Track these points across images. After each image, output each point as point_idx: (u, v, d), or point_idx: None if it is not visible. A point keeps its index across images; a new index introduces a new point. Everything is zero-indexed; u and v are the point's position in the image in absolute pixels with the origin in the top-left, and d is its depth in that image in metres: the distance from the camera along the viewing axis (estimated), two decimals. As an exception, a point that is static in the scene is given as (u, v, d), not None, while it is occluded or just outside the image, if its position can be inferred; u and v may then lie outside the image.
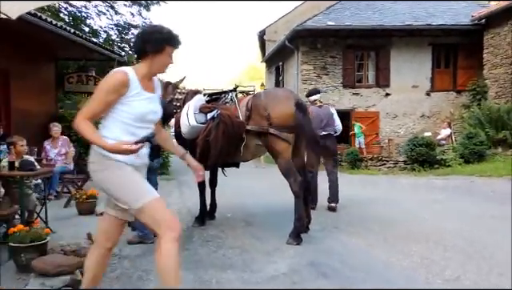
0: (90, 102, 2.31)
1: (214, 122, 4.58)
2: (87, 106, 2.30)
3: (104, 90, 2.28)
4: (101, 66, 12.47)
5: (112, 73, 2.34)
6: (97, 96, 2.29)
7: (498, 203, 6.43)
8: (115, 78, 2.29)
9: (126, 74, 2.29)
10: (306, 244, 4.32)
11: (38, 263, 3.04)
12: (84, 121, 2.24)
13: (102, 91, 2.28)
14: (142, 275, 3.51)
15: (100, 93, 2.28)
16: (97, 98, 2.28)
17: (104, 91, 2.27)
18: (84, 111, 2.27)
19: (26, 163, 4.37)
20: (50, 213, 5.07)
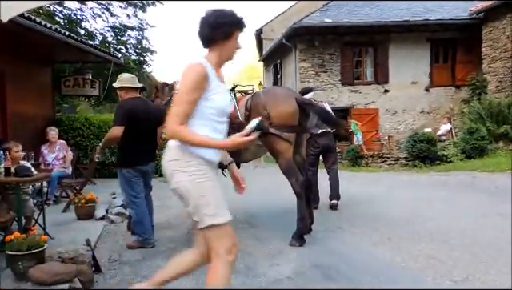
0: (178, 104, 2.09)
1: (212, 123, 4.50)
2: (177, 110, 2.06)
3: (189, 87, 2.08)
4: (97, 68, 12.39)
5: (190, 67, 2.13)
6: (184, 96, 2.08)
7: (502, 199, 6.34)
8: (196, 72, 2.10)
9: (204, 67, 2.12)
10: (310, 245, 4.25)
11: (34, 272, 2.96)
12: (182, 127, 2.05)
13: (187, 89, 2.08)
14: (142, 281, 3.42)
15: (186, 92, 2.08)
16: (185, 98, 2.07)
17: (190, 89, 2.08)
18: (176, 117, 2.05)
19: (22, 169, 4.29)
20: (48, 218, 4.99)
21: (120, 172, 4.34)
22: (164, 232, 5.02)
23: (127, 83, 4.40)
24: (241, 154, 4.64)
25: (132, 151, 4.25)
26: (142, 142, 4.27)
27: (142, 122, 4.24)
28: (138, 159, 4.28)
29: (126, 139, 4.17)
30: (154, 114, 4.45)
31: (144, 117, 4.27)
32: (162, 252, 4.22)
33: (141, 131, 4.25)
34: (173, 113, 2.08)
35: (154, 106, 4.63)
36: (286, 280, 3.35)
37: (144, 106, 4.38)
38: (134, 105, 4.29)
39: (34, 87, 8.95)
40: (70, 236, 4.76)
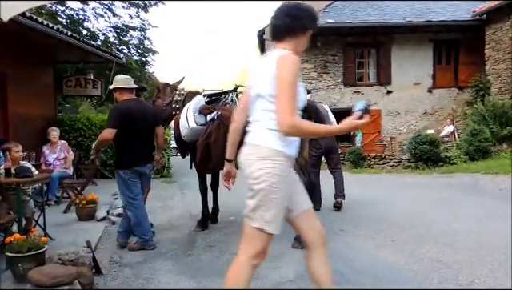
0: (286, 97, 1.97)
1: (214, 124, 4.46)
2: (287, 105, 1.96)
3: (293, 79, 1.99)
4: (99, 68, 12.37)
5: (289, 58, 2.04)
6: (290, 88, 1.99)
7: (506, 201, 6.29)
8: (295, 64, 2.03)
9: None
10: (312, 248, 4.19)
11: (34, 274, 2.92)
12: (298, 119, 2.01)
13: (291, 81, 1.99)
14: (143, 283, 3.40)
15: (292, 83, 1.99)
16: (292, 91, 1.99)
17: (294, 81, 2.00)
18: (290, 110, 1.96)
19: (22, 170, 4.25)
20: (49, 219, 4.95)
21: (117, 173, 4.31)
22: (166, 234, 4.98)
23: (121, 84, 4.35)
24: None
25: (128, 152, 4.22)
26: (138, 143, 4.24)
27: (137, 124, 4.21)
28: (135, 160, 4.25)
29: (122, 141, 4.16)
30: (150, 116, 4.44)
31: (140, 118, 4.24)
32: (163, 254, 4.19)
33: (136, 132, 4.22)
34: (284, 106, 1.97)
35: (150, 107, 4.60)
36: (289, 283, 3.31)
37: (139, 108, 4.35)
38: (129, 106, 4.25)
39: (35, 87, 8.92)
40: (70, 237, 4.73)
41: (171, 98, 5.33)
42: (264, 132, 2.10)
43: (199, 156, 4.59)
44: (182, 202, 7.23)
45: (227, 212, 5.85)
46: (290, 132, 2.01)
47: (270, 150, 2.08)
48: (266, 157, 2.07)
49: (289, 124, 1.96)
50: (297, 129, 2.00)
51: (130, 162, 4.23)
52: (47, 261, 3.38)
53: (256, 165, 2.09)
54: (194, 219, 5.46)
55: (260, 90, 2.12)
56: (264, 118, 2.10)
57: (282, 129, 1.99)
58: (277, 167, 2.07)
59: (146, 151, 4.39)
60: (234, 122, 2.47)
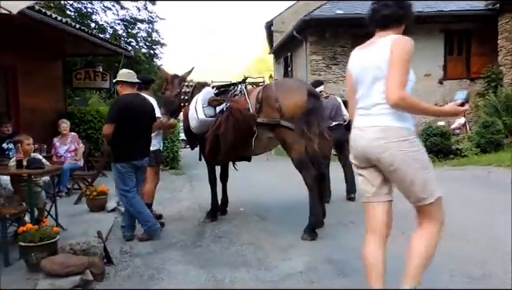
0: (396, 73, 2.10)
1: (223, 116, 4.45)
2: (399, 78, 2.09)
3: (407, 58, 2.12)
4: (108, 61, 12.40)
5: (405, 39, 2.18)
6: (404, 65, 2.11)
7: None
8: (411, 45, 2.15)
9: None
10: (322, 240, 4.19)
11: (46, 264, 2.96)
12: (407, 94, 2.10)
13: (405, 60, 2.12)
14: (154, 273, 3.42)
15: (406, 62, 2.11)
16: (405, 68, 2.11)
17: (408, 60, 2.12)
18: (400, 84, 2.08)
19: (33, 161, 4.30)
20: (60, 210, 5.01)
21: (114, 166, 4.34)
22: (175, 224, 5.01)
23: (122, 78, 4.41)
24: (252, 146, 4.58)
25: (126, 146, 4.25)
26: (136, 137, 4.29)
27: (136, 118, 4.26)
28: (133, 154, 4.29)
29: (120, 135, 4.18)
30: (150, 110, 4.48)
31: (139, 112, 4.30)
32: (173, 245, 4.21)
33: (135, 126, 4.27)
34: (395, 80, 2.09)
35: (149, 102, 4.60)
36: (298, 275, 3.30)
37: (139, 102, 4.39)
38: (129, 101, 4.31)
39: (45, 80, 8.98)
40: (81, 228, 4.78)
41: (179, 90, 5.32)
42: (392, 114, 2.17)
43: (208, 148, 4.59)
44: (192, 193, 7.26)
45: (236, 203, 5.87)
46: (399, 105, 2.09)
47: (405, 129, 2.18)
48: (405, 137, 2.17)
49: (399, 96, 2.06)
50: (405, 102, 2.08)
51: (127, 155, 4.27)
52: (59, 251, 3.43)
53: (399, 147, 2.17)
54: (204, 210, 5.49)
55: (378, 74, 2.20)
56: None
57: (391, 100, 2.09)
58: (417, 143, 2.22)
59: (143, 144, 4.42)
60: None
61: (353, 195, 6.12)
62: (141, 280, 3.29)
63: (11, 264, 3.63)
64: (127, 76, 4.43)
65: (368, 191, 2.40)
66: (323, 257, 3.68)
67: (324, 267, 3.46)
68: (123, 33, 15.60)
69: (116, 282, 3.25)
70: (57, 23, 6.79)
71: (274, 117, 4.39)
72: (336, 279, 3.21)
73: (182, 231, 4.71)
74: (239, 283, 3.17)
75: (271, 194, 6.82)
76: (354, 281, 3.13)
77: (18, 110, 8.07)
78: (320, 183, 4.57)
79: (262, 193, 6.93)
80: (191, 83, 5.40)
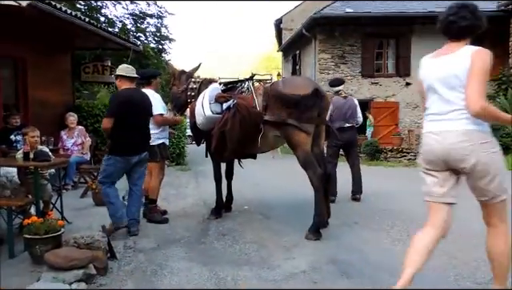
0: (478, 83, 2.26)
1: (230, 113, 4.42)
2: (481, 88, 2.25)
3: (486, 70, 2.27)
4: (117, 55, 12.42)
5: (486, 52, 2.30)
6: (483, 76, 2.27)
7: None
8: (490, 56, 2.30)
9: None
10: (326, 240, 4.16)
11: (50, 257, 2.97)
12: (487, 103, 2.25)
13: (486, 71, 2.27)
14: (157, 269, 3.42)
15: (485, 73, 2.27)
16: (484, 78, 2.27)
17: (487, 72, 2.28)
18: (480, 95, 2.24)
19: (40, 154, 4.31)
20: (66, 203, 5.04)
21: (106, 157, 4.36)
22: (180, 221, 5.01)
23: (121, 72, 4.43)
24: (258, 144, 4.56)
25: (122, 141, 4.26)
26: (133, 132, 4.30)
27: (134, 113, 4.29)
28: (128, 148, 4.30)
29: (117, 128, 4.21)
30: (148, 105, 4.48)
31: (137, 108, 4.32)
32: (176, 241, 4.21)
33: (133, 122, 4.29)
34: (477, 90, 2.24)
35: (147, 97, 4.59)
36: (301, 274, 3.28)
37: (138, 97, 4.41)
38: (128, 95, 4.34)
39: (54, 73, 9.02)
40: (87, 222, 4.81)
41: (186, 86, 5.31)
42: (471, 118, 2.30)
43: (215, 145, 4.58)
44: (197, 190, 7.26)
45: (241, 201, 5.86)
46: (480, 114, 2.25)
47: (485, 132, 2.35)
48: (486, 140, 2.33)
49: (481, 106, 2.22)
50: (486, 111, 2.25)
51: (122, 149, 4.28)
52: (63, 244, 3.44)
53: (482, 149, 2.32)
54: (208, 206, 5.48)
55: (455, 82, 2.34)
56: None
57: (473, 110, 2.25)
58: (495, 144, 2.38)
59: (139, 140, 4.41)
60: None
61: (358, 196, 6.11)
62: (143, 276, 3.28)
63: (16, 256, 3.65)
64: (126, 71, 4.44)
65: (437, 193, 2.52)
66: (327, 257, 3.65)
67: (327, 267, 3.43)
68: (132, 27, 15.64)
69: (119, 277, 3.25)
70: (66, 16, 6.80)
71: (282, 115, 4.36)
72: (339, 280, 3.18)
73: (186, 227, 4.71)
74: (242, 281, 3.16)
75: (276, 192, 6.81)
76: (358, 283, 3.11)
77: (26, 103, 8.13)
78: (326, 183, 4.55)
79: (267, 191, 6.92)
80: (198, 79, 5.38)
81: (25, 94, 8.12)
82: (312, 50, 15.30)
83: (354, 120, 6.22)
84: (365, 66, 14.74)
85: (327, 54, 14.63)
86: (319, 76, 14.35)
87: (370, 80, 14.82)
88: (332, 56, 14.64)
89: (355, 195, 6.15)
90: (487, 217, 2.52)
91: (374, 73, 14.93)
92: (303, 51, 17.01)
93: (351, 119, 6.16)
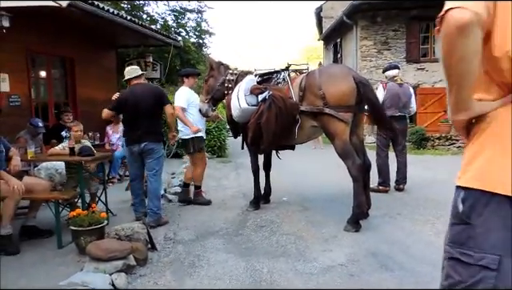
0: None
1: (265, 104, 4.39)
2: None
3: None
4: (160, 52, 12.73)
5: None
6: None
7: None
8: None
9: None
10: (366, 232, 4.05)
11: (91, 248, 3.09)
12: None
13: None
14: (194, 260, 3.47)
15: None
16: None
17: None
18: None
19: (84, 149, 4.50)
20: (112, 196, 5.25)
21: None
22: (219, 213, 5.06)
23: (126, 76, 4.76)
24: (295, 135, 4.50)
25: (126, 133, 4.65)
26: (132, 123, 4.53)
27: (132, 107, 4.48)
28: (129, 139, 4.56)
29: (124, 122, 4.79)
30: (151, 98, 4.55)
31: (139, 101, 4.46)
32: (215, 233, 4.26)
33: (131, 114, 4.52)
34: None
35: (152, 90, 4.71)
36: (339, 267, 3.21)
37: (141, 92, 4.55)
38: (127, 92, 4.65)
39: (99, 71, 9.40)
40: (131, 214, 4.96)
41: (224, 78, 5.32)
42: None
43: (251, 137, 4.57)
44: (237, 181, 7.31)
45: (280, 192, 5.82)
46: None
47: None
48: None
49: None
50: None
51: (126, 140, 4.61)
52: (106, 236, 3.57)
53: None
54: (248, 198, 5.50)
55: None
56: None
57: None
58: None
59: (138, 131, 4.49)
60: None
61: (402, 186, 5.91)
62: (181, 267, 3.35)
63: (64, 247, 3.84)
64: (128, 73, 4.74)
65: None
66: (366, 250, 3.55)
67: (366, 260, 3.33)
68: (173, 23, 15.92)
69: (158, 267, 3.34)
70: (108, 15, 7.03)
71: (318, 105, 4.28)
72: (377, 272, 3.08)
73: (225, 219, 4.75)
74: (277, 274, 3.13)
75: (316, 183, 6.71)
76: (396, 275, 3.00)
77: (75, 100, 8.54)
78: (365, 173, 4.42)
79: (306, 182, 6.84)
80: (235, 71, 5.38)
81: (73, 92, 8.53)
82: (353, 38, 14.87)
83: (406, 109, 5.98)
84: (410, 52, 14.12)
85: (369, 41, 14.16)
86: (361, 64, 13.94)
87: (415, 66, 14.19)
88: (374, 42, 14.15)
89: (399, 185, 5.95)
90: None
91: (420, 58, 14.27)
92: (344, 39, 16.58)
93: (404, 109, 5.91)
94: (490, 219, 1.12)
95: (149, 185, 4.64)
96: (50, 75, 8.09)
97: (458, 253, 1.17)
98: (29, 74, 7.18)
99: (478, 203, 1.14)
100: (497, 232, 1.10)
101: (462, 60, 1.09)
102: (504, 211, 1.10)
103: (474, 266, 1.13)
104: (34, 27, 6.85)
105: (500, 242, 1.10)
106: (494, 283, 1.09)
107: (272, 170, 5.47)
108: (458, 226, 1.19)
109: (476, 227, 1.14)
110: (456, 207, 1.20)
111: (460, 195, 1.19)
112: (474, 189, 1.15)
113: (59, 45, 7.77)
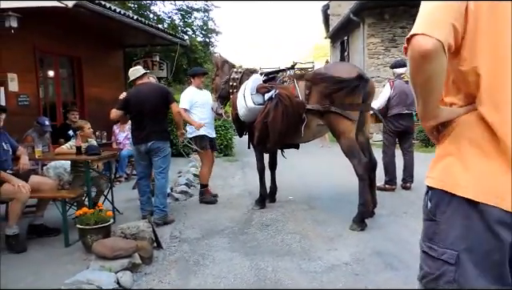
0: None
1: (272, 103, 4.38)
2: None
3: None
4: (166, 51, 12.76)
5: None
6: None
7: None
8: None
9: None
10: (371, 231, 4.03)
11: (97, 246, 3.12)
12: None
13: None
14: (199, 259, 3.49)
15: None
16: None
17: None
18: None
19: (91, 148, 4.54)
20: (119, 194, 5.28)
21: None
22: (224, 211, 5.07)
23: (130, 77, 4.83)
24: (301, 133, 4.50)
25: (133, 132, 4.73)
26: (138, 122, 4.59)
27: (137, 106, 4.53)
28: (137, 138, 4.62)
29: (131, 121, 4.82)
30: (155, 97, 4.58)
31: (140, 101, 4.52)
32: (220, 231, 4.27)
33: (137, 113, 4.57)
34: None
35: (156, 90, 4.73)
36: (343, 266, 3.20)
37: (145, 91, 4.59)
38: (135, 92, 4.68)
39: (107, 71, 9.46)
40: (138, 213, 4.99)
41: (229, 76, 5.33)
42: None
43: (257, 136, 4.57)
44: (243, 180, 7.32)
45: (286, 191, 5.81)
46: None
47: None
48: None
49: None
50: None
51: (133, 140, 4.68)
52: (112, 234, 3.60)
53: None
54: (253, 197, 5.50)
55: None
56: None
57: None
58: None
59: (144, 130, 4.54)
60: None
61: (408, 185, 5.87)
62: (186, 265, 3.36)
63: (71, 245, 3.88)
64: (132, 74, 4.79)
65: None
66: (371, 249, 3.54)
67: (371, 259, 3.32)
68: (180, 22, 15.95)
69: (163, 266, 3.36)
70: (115, 15, 7.07)
71: (324, 103, 4.26)
72: (383, 272, 3.07)
73: (231, 218, 4.75)
74: (282, 272, 3.14)
75: (323, 182, 6.69)
76: (402, 275, 2.99)
77: (83, 100, 8.60)
78: (371, 172, 4.40)
79: (313, 181, 6.82)
80: (240, 70, 5.38)
81: (81, 91, 8.60)
82: (360, 35, 14.78)
83: (414, 107, 5.91)
84: (418, 49, 14.00)
85: (376, 38, 14.06)
86: (368, 61, 13.86)
87: (423, 63, 14.07)
88: (382, 40, 14.05)
89: (406, 183, 5.91)
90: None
91: (428, 55, 14.15)
92: (351, 37, 16.49)
93: (412, 106, 5.86)
94: (451, 217, 1.20)
95: (156, 183, 4.68)
96: (57, 75, 8.16)
97: (427, 247, 1.25)
98: (37, 73, 7.24)
99: (442, 202, 1.22)
100: (456, 230, 1.18)
101: (427, 80, 1.16)
102: (463, 210, 1.17)
103: (438, 259, 1.21)
104: (42, 27, 6.91)
105: (459, 239, 1.18)
106: (453, 276, 1.18)
107: (278, 168, 5.47)
108: (427, 222, 1.28)
109: (440, 223, 1.22)
110: (425, 205, 1.28)
111: (428, 193, 1.27)
112: (438, 189, 1.23)
113: (67, 45, 7.84)
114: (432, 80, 1.15)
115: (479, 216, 1.15)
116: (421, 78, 1.15)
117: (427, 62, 1.11)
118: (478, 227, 1.15)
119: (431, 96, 1.20)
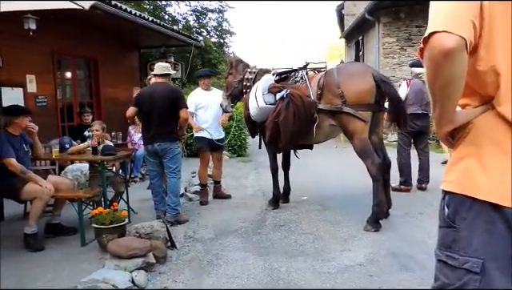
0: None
1: (283, 103, 4.37)
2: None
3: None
4: (181, 52, 12.86)
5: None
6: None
7: None
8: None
9: None
10: (386, 231, 4.00)
11: (112, 246, 3.16)
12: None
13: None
14: (212, 259, 3.50)
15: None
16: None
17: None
18: None
19: (107, 148, 4.60)
20: (134, 194, 5.34)
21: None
22: (238, 212, 5.08)
23: (155, 71, 4.82)
24: (313, 134, 4.48)
25: (142, 132, 4.80)
26: (148, 122, 4.60)
27: (148, 105, 4.54)
28: (146, 139, 4.66)
29: (142, 121, 4.83)
30: (168, 99, 4.57)
31: (155, 101, 4.52)
32: (233, 231, 4.28)
33: (148, 113, 4.58)
34: None
35: (170, 92, 4.69)
36: (357, 267, 3.18)
37: (159, 91, 4.58)
38: (148, 91, 4.73)
39: (123, 72, 9.57)
40: (152, 213, 5.04)
41: (243, 76, 5.34)
42: None
43: (269, 136, 4.57)
44: (257, 181, 7.32)
45: (300, 191, 5.79)
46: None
47: None
48: None
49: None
50: None
51: (144, 140, 4.74)
52: (127, 234, 3.64)
53: None
54: (267, 197, 5.50)
55: None
56: None
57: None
58: None
59: (153, 130, 4.55)
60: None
61: (424, 185, 5.79)
62: (200, 265, 3.38)
63: (87, 244, 3.94)
64: (157, 68, 4.79)
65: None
66: (386, 250, 3.51)
67: (386, 260, 3.29)
68: (195, 23, 16.06)
69: (177, 265, 3.38)
70: (130, 16, 7.15)
71: (336, 103, 4.24)
72: (397, 273, 3.04)
73: (244, 218, 4.76)
74: (295, 273, 3.13)
75: (337, 182, 6.65)
76: (417, 276, 2.95)
77: (99, 101, 8.73)
78: (385, 172, 4.35)
79: (327, 181, 6.78)
80: (254, 70, 5.38)
81: (97, 92, 8.72)
82: (375, 35, 14.64)
83: (429, 108, 5.85)
84: (434, 48, 13.80)
85: (392, 38, 13.90)
86: (383, 61, 13.72)
87: (439, 62, 13.86)
88: (397, 39, 13.89)
89: (421, 184, 5.84)
90: None
91: (445, 54, 13.93)
92: (366, 36, 16.35)
93: (427, 107, 5.78)
94: (473, 223, 1.12)
95: (168, 182, 4.73)
96: (74, 76, 8.30)
97: (445, 256, 1.17)
98: (55, 75, 7.38)
99: (462, 207, 1.14)
100: (480, 236, 1.10)
101: (447, 84, 1.09)
102: (486, 215, 1.10)
103: (459, 269, 1.13)
104: (60, 29, 7.03)
105: (483, 246, 1.10)
106: (478, 286, 1.09)
107: (292, 169, 5.46)
108: (444, 229, 1.20)
109: (460, 230, 1.14)
110: (442, 211, 1.20)
111: (445, 198, 1.20)
112: (456, 193, 1.15)
113: (84, 46, 7.96)
114: (453, 82, 1.08)
115: (503, 220, 1.08)
116: (441, 81, 1.09)
117: (449, 62, 1.04)
118: (503, 231, 1.08)
119: (450, 101, 1.13)
